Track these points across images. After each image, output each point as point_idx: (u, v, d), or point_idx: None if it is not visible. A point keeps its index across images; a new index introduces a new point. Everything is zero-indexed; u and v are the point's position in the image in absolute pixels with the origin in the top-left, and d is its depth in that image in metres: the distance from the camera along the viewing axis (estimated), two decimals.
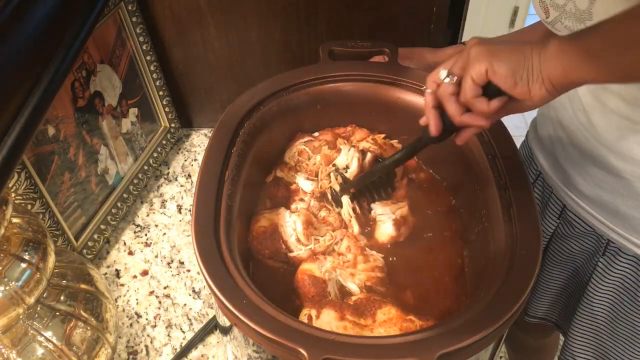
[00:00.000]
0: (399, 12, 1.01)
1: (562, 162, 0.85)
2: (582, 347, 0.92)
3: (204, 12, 1.02)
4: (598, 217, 0.81)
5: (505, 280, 0.58)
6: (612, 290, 0.83)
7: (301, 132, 0.86)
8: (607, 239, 0.81)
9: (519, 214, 0.63)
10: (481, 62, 0.56)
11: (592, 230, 0.83)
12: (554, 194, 0.89)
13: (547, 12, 0.72)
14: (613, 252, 0.81)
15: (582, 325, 0.89)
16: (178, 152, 1.18)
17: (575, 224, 0.86)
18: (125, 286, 0.93)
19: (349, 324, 0.61)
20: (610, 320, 0.86)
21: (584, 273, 0.89)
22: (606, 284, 0.83)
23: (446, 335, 0.53)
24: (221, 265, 0.59)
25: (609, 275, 0.82)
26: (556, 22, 0.71)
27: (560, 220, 0.89)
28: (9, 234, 0.64)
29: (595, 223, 0.82)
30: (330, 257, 0.71)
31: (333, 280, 0.69)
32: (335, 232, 0.75)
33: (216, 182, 0.67)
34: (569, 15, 0.68)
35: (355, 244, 0.73)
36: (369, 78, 0.83)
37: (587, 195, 0.81)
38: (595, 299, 0.85)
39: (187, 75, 1.14)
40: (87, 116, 0.93)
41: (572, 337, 0.92)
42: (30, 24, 0.48)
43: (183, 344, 0.85)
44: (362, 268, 0.70)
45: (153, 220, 1.04)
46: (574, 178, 0.83)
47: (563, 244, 0.90)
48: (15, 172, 0.77)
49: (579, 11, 0.66)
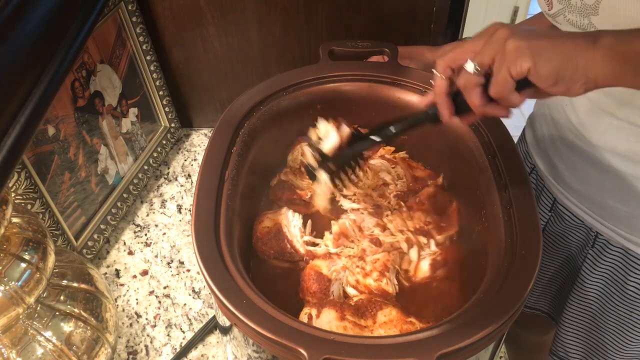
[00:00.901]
0: (399, 12, 1.01)
1: (552, 157, 0.86)
2: (573, 336, 0.94)
3: (204, 12, 1.02)
4: (586, 210, 0.82)
5: (505, 280, 0.58)
6: (601, 281, 0.85)
7: (302, 136, 0.86)
8: (595, 232, 0.83)
9: (519, 214, 0.63)
10: (523, 60, 0.51)
11: (582, 223, 0.85)
12: (546, 187, 0.91)
13: (551, 4, 0.71)
14: (602, 244, 0.82)
15: (573, 315, 0.92)
16: (178, 152, 1.18)
17: (565, 217, 0.88)
18: (125, 286, 0.93)
19: (349, 325, 0.61)
20: (600, 311, 0.88)
21: (574, 264, 0.91)
22: (595, 275, 0.85)
23: (446, 335, 0.53)
24: (221, 265, 0.59)
25: (598, 267, 0.84)
26: (559, 14, 0.71)
27: (552, 214, 0.91)
28: (9, 234, 0.64)
29: (583, 216, 0.83)
30: (344, 258, 0.71)
31: (339, 281, 0.69)
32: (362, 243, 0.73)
33: (216, 182, 0.67)
34: (573, 9, 0.68)
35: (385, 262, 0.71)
36: (369, 78, 0.83)
37: (575, 189, 0.83)
38: (585, 289, 0.87)
39: (187, 75, 1.14)
40: (87, 116, 0.93)
41: (563, 327, 0.94)
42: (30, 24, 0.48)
43: (183, 343, 0.85)
44: (374, 277, 0.69)
45: (153, 220, 1.04)
46: (563, 172, 0.84)
47: (554, 236, 0.92)
48: (15, 172, 0.77)
49: (585, 5, 0.65)
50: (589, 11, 0.65)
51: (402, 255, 0.73)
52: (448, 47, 0.91)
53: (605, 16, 0.63)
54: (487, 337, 0.53)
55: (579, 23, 0.68)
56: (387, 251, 0.72)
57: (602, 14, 0.63)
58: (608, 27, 0.63)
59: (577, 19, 0.68)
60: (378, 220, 0.75)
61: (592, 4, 0.64)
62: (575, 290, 0.90)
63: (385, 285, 0.68)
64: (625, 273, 0.81)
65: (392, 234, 0.74)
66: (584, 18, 0.67)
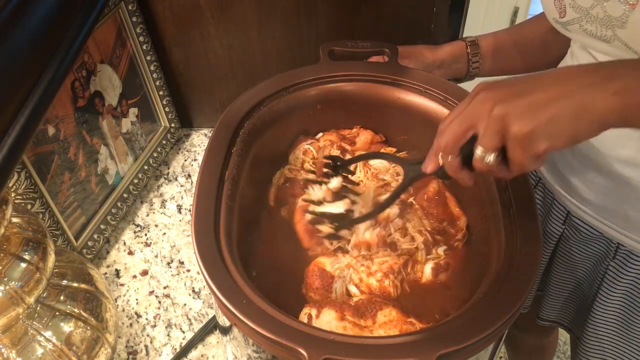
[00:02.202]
0: (399, 12, 1.01)
1: (562, 170, 0.83)
2: (597, 352, 0.89)
3: (204, 12, 1.02)
4: (606, 222, 0.78)
5: (505, 280, 0.58)
6: (625, 293, 0.81)
7: (303, 135, 0.86)
8: (617, 243, 0.79)
9: (519, 214, 0.63)
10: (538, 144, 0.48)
11: (601, 235, 0.81)
12: (556, 200, 0.87)
13: (564, 11, 0.68)
14: (624, 256, 0.78)
15: (596, 330, 0.87)
16: (178, 152, 1.18)
17: (582, 229, 0.83)
18: (125, 286, 0.93)
19: (348, 325, 0.61)
20: (625, 324, 0.84)
21: (595, 276, 0.86)
22: (618, 288, 0.81)
23: (446, 335, 0.53)
24: (221, 265, 0.59)
25: (621, 279, 0.80)
26: (572, 23, 0.67)
27: (566, 226, 0.87)
28: (9, 234, 0.64)
29: (603, 228, 0.79)
30: (348, 256, 0.71)
31: (343, 279, 0.69)
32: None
33: (216, 182, 0.67)
34: (594, 20, 0.63)
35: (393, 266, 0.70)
36: (369, 78, 0.83)
37: (591, 202, 0.79)
38: (608, 303, 0.83)
39: (187, 75, 1.14)
40: (87, 116, 0.93)
41: (586, 341, 0.89)
42: (30, 24, 0.48)
43: (183, 344, 0.85)
44: (378, 277, 0.69)
45: (153, 220, 1.04)
46: (576, 185, 0.80)
47: (571, 247, 0.87)
48: (15, 172, 0.77)
49: (609, 17, 0.61)
50: (614, 23, 0.61)
51: (411, 258, 0.72)
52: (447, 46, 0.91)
53: (635, 29, 0.59)
54: (487, 337, 0.53)
55: (599, 34, 0.64)
56: (399, 255, 0.72)
57: (632, 27, 0.59)
58: (636, 41, 0.60)
59: (597, 30, 0.63)
60: (403, 222, 0.75)
61: (618, 16, 0.60)
62: (597, 304, 0.85)
63: (388, 286, 0.68)
64: None
65: (412, 239, 0.73)
66: (606, 30, 0.62)
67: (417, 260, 0.72)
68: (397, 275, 0.69)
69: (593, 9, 0.63)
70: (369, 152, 0.84)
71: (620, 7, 0.59)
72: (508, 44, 0.92)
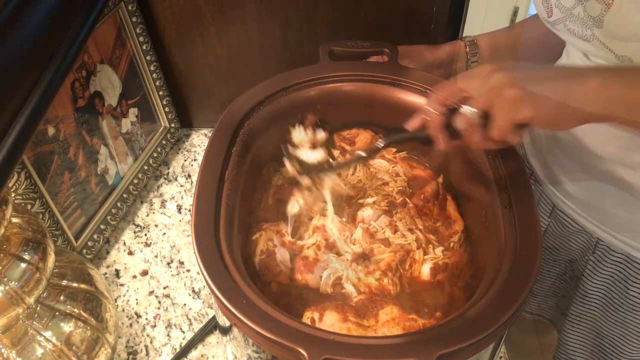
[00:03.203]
0: (399, 12, 1.01)
1: (551, 164, 0.86)
2: (576, 342, 0.93)
3: (204, 12, 1.02)
4: (586, 216, 0.82)
5: (505, 280, 0.58)
6: (603, 287, 0.84)
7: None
8: (596, 238, 0.82)
9: (519, 214, 0.63)
10: (524, 110, 0.54)
11: (582, 229, 0.84)
12: (544, 193, 0.90)
13: (550, 11, 0.70)
14: (603, 250, 0.82)
15: (576, 321, 0.91)
16: (178, 152, 1.18)
17: (565, 223, 0.87)
18: (125, 286, 0.93)
19: (352, 326, 0.61)
20: (602, 317, 0.87)
21: (576, 270, 0.90)
22: (597, 281, 0.84)
23: (446, 335, 0.53)
24: (221, 265, 0.59)
25: (600, 273, 0.83)
26: (558, 23, 0.70)
27: (551, 219, 0.91)
28: (9, 234, 0.64)
29: (584, 222, 0.83)
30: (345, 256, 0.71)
31: (331, 270, 0.69)
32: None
33: (216, 182, 0.67)
34: (575, 19, 0.66)
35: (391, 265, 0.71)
36: (369, 78, 0.83)
37: (575, 196, 0.83)
38: (587, 295, 0.87)
39: (187, 75, 1.14)
40: (87, 116, 0.93)
41: (566, 333, 0.93)
42: (30, 24, 0.48)
43: (183, 344, 0.85)
44: (376, 276, 0.69)
45: (153, 220, 1.04)
46: (562, 179, 0.84)
47: (555, 241, 0.92)
48: (15, 172, 0.77)
49: (589, 17, 0.64)
50: (592, 23, 0.64)
51: (408, 255, 0.72)
52: (447, 46, 0.92)
53: (609, 29, 0.62)
54: (487, 337, 0.53)
55: (580, 33, 0.67)
56: (395, 251, 0.72)
57: (607, 27, 0.62)
58: (610, 40, 0.63)
59: (578, 29, 0.66)
60: (391, 220, 0.75)
61: (596, 15, 0.63)
62: (577, 297, 0.89)
63: (387, 284, 0.68)
64: (627, 279, 0.81)
65: (404, 236, 0.74)
66: (586, 29, 0.65)
67: (415, 260, 0.72)
68: (395, 272, 0.70)
69: (575, 9, 0.66)
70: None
71: (598, 7, 0.62)
72: (506, 43, 0.94)
